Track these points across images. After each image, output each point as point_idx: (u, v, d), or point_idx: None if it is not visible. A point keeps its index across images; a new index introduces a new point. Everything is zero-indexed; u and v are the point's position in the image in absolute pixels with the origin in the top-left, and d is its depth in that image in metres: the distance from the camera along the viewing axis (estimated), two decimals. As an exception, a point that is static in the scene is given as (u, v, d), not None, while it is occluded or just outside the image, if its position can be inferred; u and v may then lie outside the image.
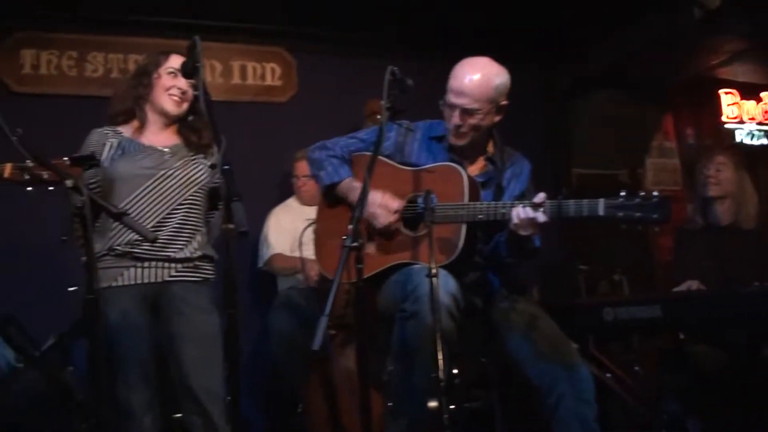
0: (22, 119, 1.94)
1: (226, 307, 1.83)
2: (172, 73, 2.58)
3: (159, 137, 2.64)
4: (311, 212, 3.71)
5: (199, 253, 2.58)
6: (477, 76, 2.48)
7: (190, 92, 2.58)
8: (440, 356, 2.07)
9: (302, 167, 3.69)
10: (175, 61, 2.55)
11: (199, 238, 2.60)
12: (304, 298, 3.49)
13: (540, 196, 2.29)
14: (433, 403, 2.13)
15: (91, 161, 1.92)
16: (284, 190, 4.06)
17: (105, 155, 2.54)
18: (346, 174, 2.61)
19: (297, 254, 3.44)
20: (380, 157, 2.39)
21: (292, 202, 3.93)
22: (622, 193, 2.22)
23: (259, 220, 3.79)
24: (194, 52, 2.16)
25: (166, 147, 2.62)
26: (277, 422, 3.78)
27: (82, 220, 1.79)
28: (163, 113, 2.63)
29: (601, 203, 2.23)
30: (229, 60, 4.24)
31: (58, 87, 3.76)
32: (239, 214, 1.82)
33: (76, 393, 1.93)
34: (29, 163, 1.95)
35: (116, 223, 2.44)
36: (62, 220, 2.16)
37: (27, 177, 1.95)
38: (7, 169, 1.97)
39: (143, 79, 2.64)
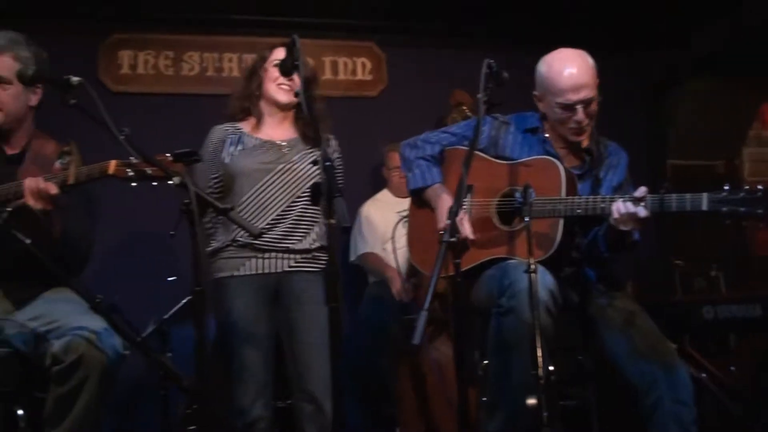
0: (120, 118, 1.99)
1: (328, 301, 1.86)
2: (278, 65, 2.65)
3: (276, 131, 2.74)
4: (403, 204, 3.76)
5: (317, 245, 2.67)
6: (582, 64, 2.45)
7: (298, 82, 2.65)
8: (539, 353, 2.05)
9: (394, 159, 3.72)
10: (280, 53, 2.61)
11: (317, 229, 2.68)
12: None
13: (641, 191, 2.23)
14: (531, 400, 2.11)
15: (193, 157, 1.98)
16: (377, 184, 4.10)
17: (225, 151, 2.68)
18: (432, 179, 2.61)
19: (389, 247, 3.48)
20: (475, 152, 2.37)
21: (382, 196, 3.96)
22: (726, 187, 2.14)
23: (352, 214, 3.83)
24: (293, 50, 2.21)
25: (283, 141, 2.71)
26: (369, 412, 3.82)
27: (189, 216, 1.85)
28: (276, 104, 2.72)
29: (705, 198, 2.15)
30: (320, 56, 4.30)
31: (155, 86, 3.90)
32: (341, 210, 1.85)
33: (182, 378, 2.00)
34: (133, 159, 2.01)
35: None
36: (170, 214, 2.26)
37: (131, 173, 2.01)
38: (112, 165, 2.04)
39: (254, 77, 2.75)
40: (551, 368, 2.49)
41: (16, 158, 2.43)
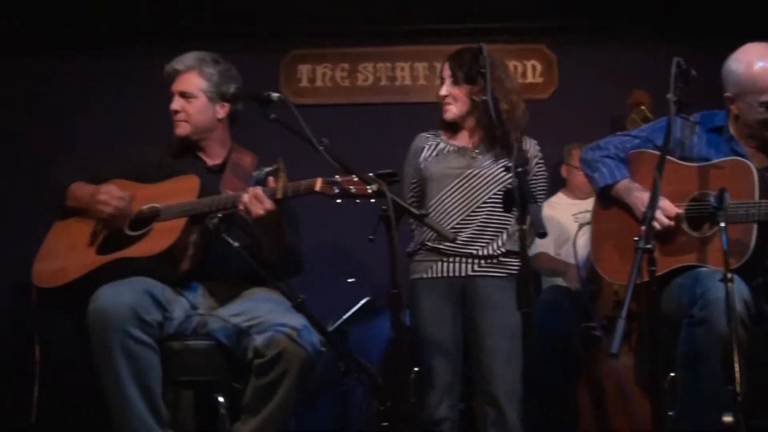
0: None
1: (520, 306, 1.87)
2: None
3: (468, 138, 2.78)
4: (579, 206, 3.72)
5: (503, 250, 2.68)
6: None
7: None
8: (737, 367, 1.95)
9: (575, 157, 3.65)
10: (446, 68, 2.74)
11: (504, 235, 2.69)
12: (569, 298, 3.46)
13: None
14: (728, 418, 2.00)
15: (393, 178, 2.05)
16: (551, 186, 4.04)
17: (422, 157, 2.77)
18: (622, 175, 2.53)
19: (564, 251, 3.43)
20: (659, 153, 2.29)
21: (558, 198, 3.90)
22: None
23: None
24: (479, 58, 2.26)
25: (475, 147, 2.74)
26: (545, 423, 3.77)
27: (386, 222, 1.93)
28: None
29: None
30: (492, 60, 4.29)
31: (332, 97, 4.08)
32: (536, 216, 1.85)
33: (376, 376, 2.08)
34: (338, 177, 2.11)
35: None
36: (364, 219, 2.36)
37: (336, 191, 2.11)
38: (318, 183, 2.16)
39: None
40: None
41: (217, 169, 2.65)
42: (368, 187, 2.01)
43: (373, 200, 2.00)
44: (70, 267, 2.45)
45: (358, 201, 2.08)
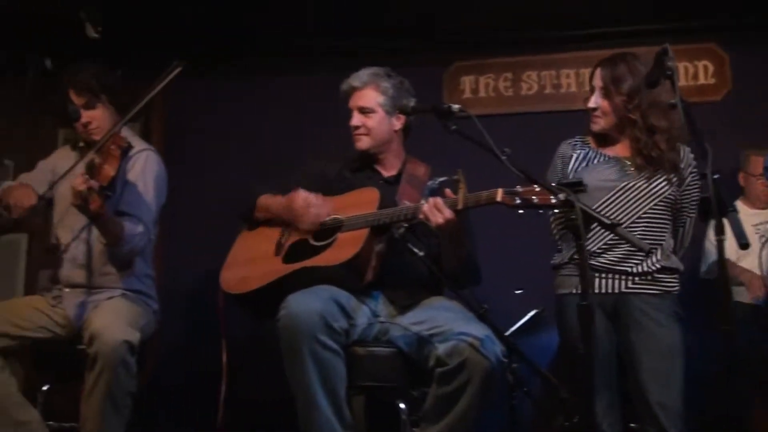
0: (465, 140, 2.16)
1: (721, 323, 1.77)
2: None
3: (622, 148, 2.66)
4: (761, 216, 3.48)
5: (658, 266, 2.54)
6: None
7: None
8: None
9: (758, 165, 3.43)
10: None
11: (659, 251, 2.56)
12: (747, 314, 3.25)
13: None
14: None
15: (579, 187, 2.00)
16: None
17: (570, 166, 2.67)
18: None
19: (747, 263, 3.23)
20: None
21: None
22: None
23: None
24: (662, 60, 2.17)
25: (627, 158, 2.61)
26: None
27: (575, 232, 1.89)
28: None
29: None
30: (658, 63, 4.13)
31: (496, 107, 4.08)
32: (737, 225, 1.75)
33: (560, 389, 2.04)
34: (519, 188, 2.11)
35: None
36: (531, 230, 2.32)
37: (518, 201, 2.09)
38: (499, 193, 2.16)
39: None
40: None
41: (392, 180, 2.74)
42: (553, 197, 1.98)
43: (561, 198, 1.95)
44: (257, 275, 2.60)
45: (540, 211, 2.05)
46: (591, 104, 2.63)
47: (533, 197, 2.06)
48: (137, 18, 3.83)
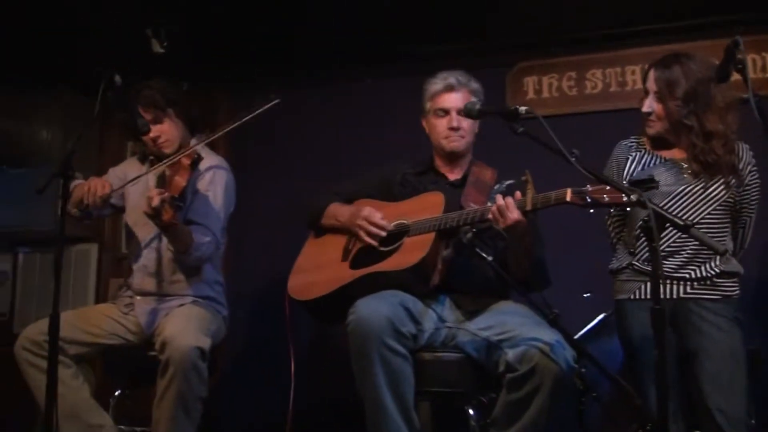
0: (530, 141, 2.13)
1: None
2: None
3: (680, 150, 2.58)
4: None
5: (717, 271, 2.46)
6: None
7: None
8: None
9: None
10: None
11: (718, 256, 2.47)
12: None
13: None
14: None
15: (650, 184, 1.95)
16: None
17: (626, 170, 2.61)
18: None
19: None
20: None
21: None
22: None
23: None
24: (732, 53, 2.09)
25: (685, 161, 2.54)
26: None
27: (648, 233, 1.83)
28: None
29: None
30: (720, 57, 3.95)
31: (560, 107, 3.98)
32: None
33: (634, 396, 1.98)
34: (588, 187, 2.08)
35: (640, 241, 2.51)
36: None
37: (588, 200, 2.07)
38: (569, 193, 2.14)
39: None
40: None
41: (458, 183, 2.72)
42: (625, 196, 1.92)
43: (632, 199, 1.90)
44: (324, 281, 2.63)
45: (612, 210, 2.01)
46: (645, 108, 2.57)
47: (604, 196, 2.03)
48: (202, 31, 3.90)
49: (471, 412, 2.52)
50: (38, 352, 2.69)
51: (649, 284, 2.50)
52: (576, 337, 3.31)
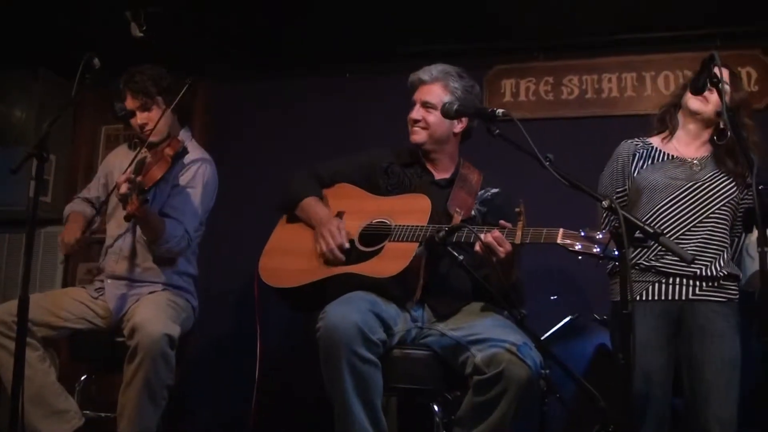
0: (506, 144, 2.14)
1: (761, 334, 1.75)
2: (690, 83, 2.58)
3: (688, 149, 2.68)
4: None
5: (724, 272, 2.54)
6: None
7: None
8: None
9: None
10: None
11: (725, 255, 2.56)
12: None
13: None
14: None
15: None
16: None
17: (633, 165, 2.68)
18: None
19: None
20: None
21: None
22: None
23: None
24: (707, 67, 2.13)
25: (694, 159, 2.63)
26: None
27: (618, 240, 1.86)
28: (691, 114, 2.65)
29: None
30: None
31: (536, 111, 4.03)
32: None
33: (599, 399, 2.02)
34: (581, 232, 2.10)
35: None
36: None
37: (578, 247, 2.09)
38: (560, 235, 2.15)
39: (680, 90, 2.73)
40: None
41: (444, 184, 2.69)
42: (602, 203, 1.94)
43: (604, 205, 1.91)
44: (297, 270, 2.56)
45: (600, 261, 2.04)
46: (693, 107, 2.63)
47: (594, 247, 2.05)
48: (181, 18, 3.88)
49: (436, 408, 2.54)
50: (7, 333, 2.66)
51: (657, 285, 2.55)
52: (543, 337, 3.38)
